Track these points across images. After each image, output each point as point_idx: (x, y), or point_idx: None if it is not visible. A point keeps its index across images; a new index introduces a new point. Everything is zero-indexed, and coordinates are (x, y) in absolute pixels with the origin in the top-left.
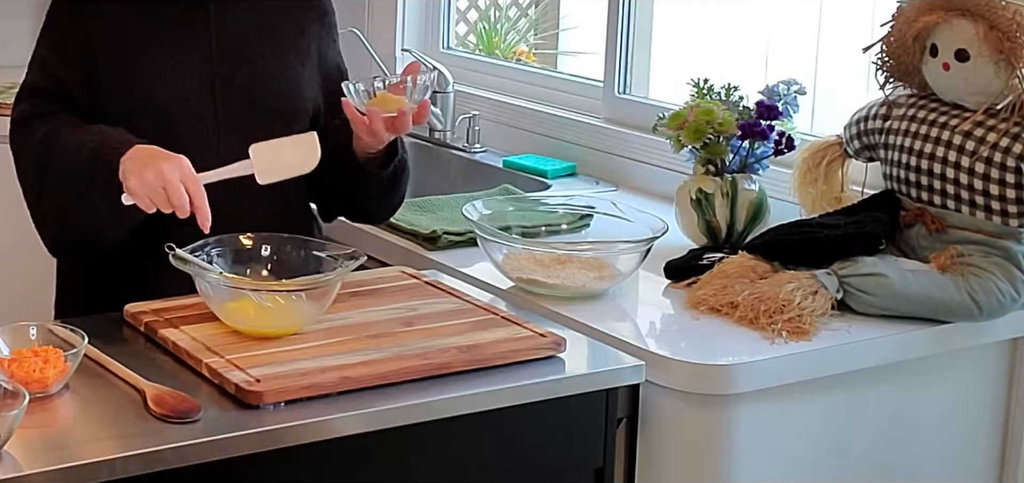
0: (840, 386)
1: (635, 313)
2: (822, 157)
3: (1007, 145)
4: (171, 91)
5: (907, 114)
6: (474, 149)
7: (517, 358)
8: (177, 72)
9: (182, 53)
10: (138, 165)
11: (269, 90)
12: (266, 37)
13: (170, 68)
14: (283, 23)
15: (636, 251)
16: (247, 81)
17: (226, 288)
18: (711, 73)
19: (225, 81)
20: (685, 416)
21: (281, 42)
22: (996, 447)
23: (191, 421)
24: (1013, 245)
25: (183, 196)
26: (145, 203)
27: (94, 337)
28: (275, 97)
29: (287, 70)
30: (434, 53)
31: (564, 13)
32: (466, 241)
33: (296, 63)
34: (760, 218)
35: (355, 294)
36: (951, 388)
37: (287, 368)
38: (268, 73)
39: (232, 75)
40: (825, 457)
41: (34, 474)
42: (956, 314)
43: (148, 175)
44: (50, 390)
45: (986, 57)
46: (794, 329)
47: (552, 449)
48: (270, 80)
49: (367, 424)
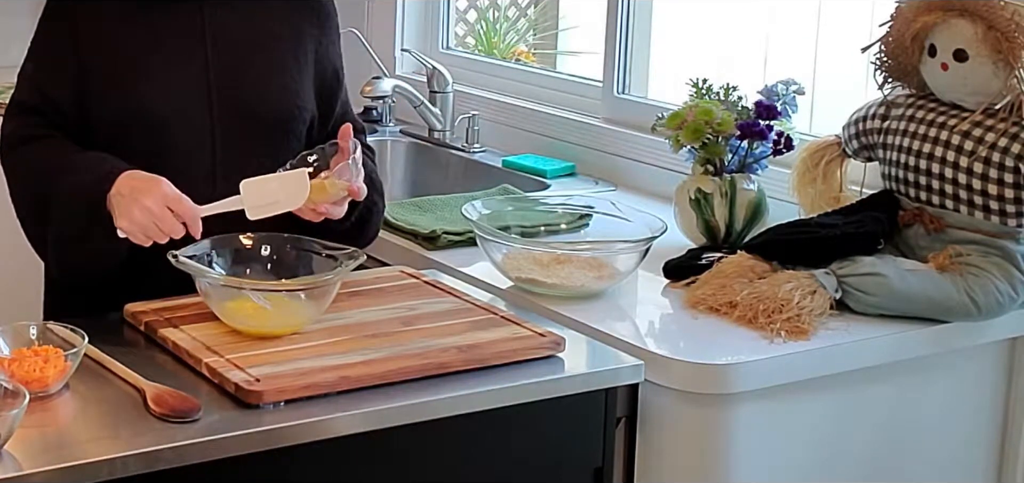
0: (839, 386)
1: (634, 313)
2: (821, 157)
3: (1005, 145)
4: (166, 102)
5: (906, 114)
6: (473, 149)
7: (516, 358)
8: (172, 83)
9: (177, 64)
10: (124, 202)
11: (266, 101)
12: (263, 44)
13: (165, 79)
14: (279, 27)
15: (635, 251)
16: (243, 93)
17: (226, 288)
18: (710, 73)
19: (221, 92)
20: (684, 415)
21: (278, 47)
22: (995, 446)
23: (191, 421)
24: (1011, 245)
25: (174, 224)
26: (141, 240)
27: (94, 337)
28: (272, 108)
29: (284, 79)
30: (433, 53)
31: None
32: (465, 241)
33: (293, 69)
34: (759, 218)
35: (355, 294)
36: (950, 388)
37: (287, 368)
38: (265, 84)
39: (228, 87)
40: (824, 457)
41: (34, 474)
42: (954, 314)
43: (135, 213)
44: (50, 390)
45: (984, 57)
46: (793, 329)
47: (551, 449)
48: (267, 91)
49: (366, 424)
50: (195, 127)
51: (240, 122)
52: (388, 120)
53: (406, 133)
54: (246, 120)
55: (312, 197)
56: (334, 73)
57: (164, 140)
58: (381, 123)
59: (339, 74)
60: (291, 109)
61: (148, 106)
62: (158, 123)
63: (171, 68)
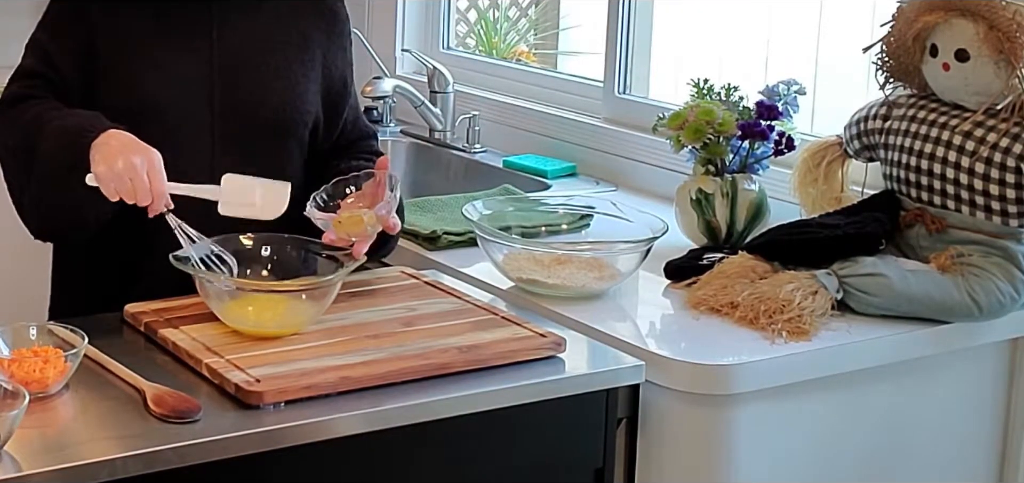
0: (840, 386)
1: (635, 313)
2: (822, 157)
3: (1007, 145)
4: (170, 95)
5: (907, 114)
6: (474, 149)
7: (517, 358)
8: (177, 77)
9: (183, 59)
10: (110, 152)
11: (266, 104)
12: (270, 47)
13: (170, 72)
14: (286, 31)
15: (636, 251)
16: (245, 95)
17: (226, 288)
18: (711, 73)
19: (224, 92)
20: (685, 416)
21: (284, 52)
22: (996, 447)
23: (191, 421)
24: (1013, 245)
25: (146, 192)
26: (110, 191)
27: (94, 337)
28: (272, 111)
29: (287, 83)
30: (434, 53)
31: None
32: (466, 241)
33: (299, 74)
34: (760, 218)
35: (355, 294)
36: (951, 388)
37: (287, 368)
38: (267, 88)
39: (231, 87)
40: (825, 457)
41: (34, 474)
42: (956, 314)
43: (118, 164)
44: (50, 390)
45: (986, 57)
46: (794, 329)
47: (552, 449)
48: (268, 94)
49: (367, 424)
50: (195, 121)
51: (240, 122)
52: (389, 120)
53: (407, 133)
54: (246, 120)
55: (347, 228)
56: (342, 80)
57: (163, 129)
58: (382, 123)
59: (348, 82)
60: (292, 114)
61: (151, 93)
62: (158, 111)
63: (176, 59)
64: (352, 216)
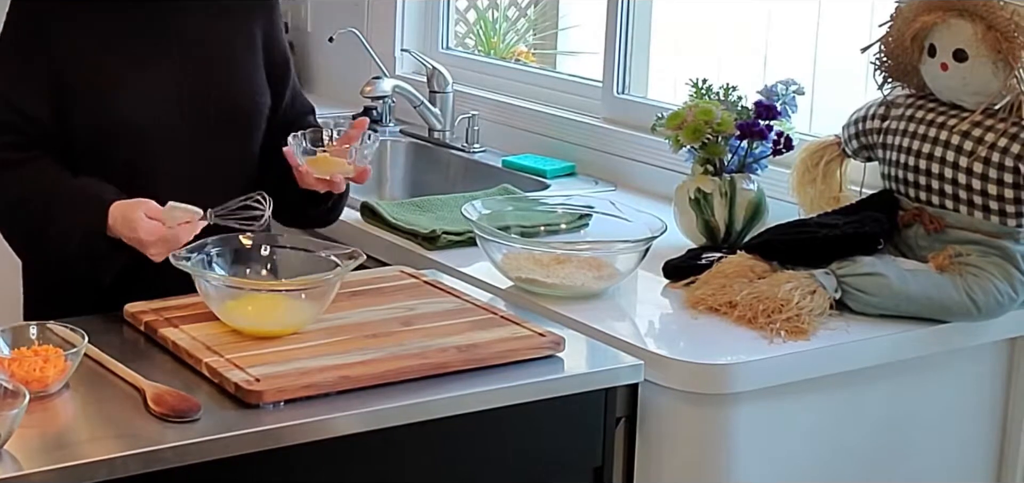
0: (838, 386)
1: (634, 313)
2: (820, 157)
3: (1005, 145)
4: (143, 111)
5: (905, 114)
6: (473, 149)
7: (516, 358)
8: (146, 91)
9: (149, 72)
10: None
11: (230, 98)
12: (221, 43)
13: (139, 88)
14: (232, 24)
15: (635, 251)
16: (211, 89)
17: (226, 288)
18: (710, 73)
19: (191, 96)
20: (684, 415)
21: (234, 39)
22: (994, 446)
23: (191, 420)
24: (1011, 245)
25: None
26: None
27: (94, 337)
28: (236, 105)
29: (244, 74)
30: (433, 53)
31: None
32: (465, 241)
33: (251, 64)
34: (759, 218)
35: (354, 294)
36: (949, 388)
37: (287, 368)
38: (228, 83)
39: (199, 93)
40: (823, 456)
41: (34, 474)
42: (954, 314)
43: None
44: (50, 390)
45: (984, 57)
46: (792, 329)
47: (551, 448)
48: (230, 90)
49: (366, 423)
50: (171, 132)
51: (210, 122)
52: (388, 120)
53: (406, 133)
54: (215, 120)
55: (322, 166)
56: (283, 57)
57: (143, 147)
58: (381, 123)
59: (288, 57)
60: (254, 103)
61: (127, 116)
62: (137, 132)
63: (144, 76)
64: (326, 158)
